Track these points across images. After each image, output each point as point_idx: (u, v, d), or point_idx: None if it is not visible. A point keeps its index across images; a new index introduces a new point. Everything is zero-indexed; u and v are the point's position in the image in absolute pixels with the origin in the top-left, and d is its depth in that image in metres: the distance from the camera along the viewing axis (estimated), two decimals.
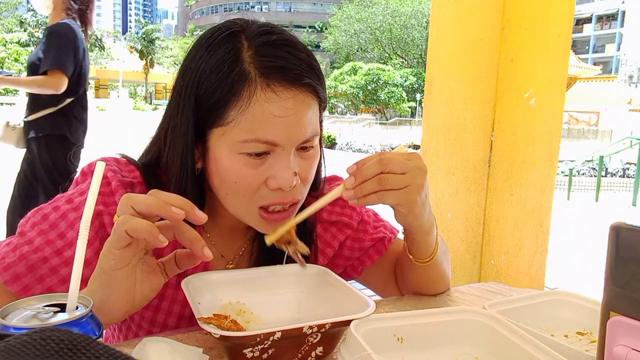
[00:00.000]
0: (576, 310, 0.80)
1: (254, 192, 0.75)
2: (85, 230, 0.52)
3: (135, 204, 0.60)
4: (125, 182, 0.80)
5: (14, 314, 0.47)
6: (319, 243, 0.94)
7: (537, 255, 2.01)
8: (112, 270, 0.61)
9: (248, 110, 0.71)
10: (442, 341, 0.68)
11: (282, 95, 0.72)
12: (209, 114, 0.74)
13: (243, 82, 0.71)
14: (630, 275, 0.47)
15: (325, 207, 0.94)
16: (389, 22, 38.42)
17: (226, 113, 0.72)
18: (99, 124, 19.83)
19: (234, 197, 0.77)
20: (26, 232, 0.75)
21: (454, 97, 1.99)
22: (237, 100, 0.71)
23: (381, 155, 0.71)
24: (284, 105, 0.72)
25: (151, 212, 0.60)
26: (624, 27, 54.85)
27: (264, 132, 0.71)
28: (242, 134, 0.72)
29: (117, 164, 0.82)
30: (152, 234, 0.59)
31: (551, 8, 1.87)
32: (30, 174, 2.87)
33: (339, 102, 35.60)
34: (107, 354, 0.35)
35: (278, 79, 0.71)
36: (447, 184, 2.03)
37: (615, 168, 11.38)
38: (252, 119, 0.71)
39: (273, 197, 0.76)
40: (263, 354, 0.62)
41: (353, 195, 0.71)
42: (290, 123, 0.72)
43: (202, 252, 0.62)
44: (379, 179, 0.70)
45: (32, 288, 0.73)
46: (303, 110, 0.74)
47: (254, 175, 0.74)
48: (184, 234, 0.62)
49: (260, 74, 0.71)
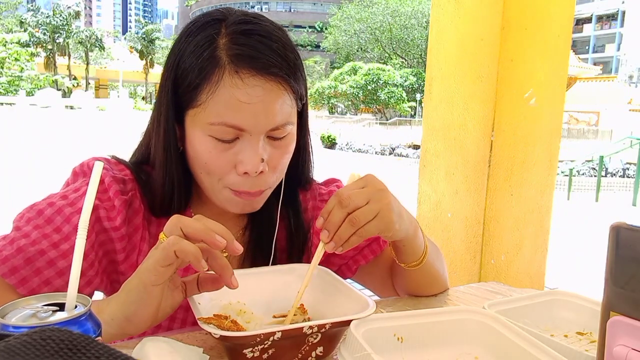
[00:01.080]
0: (576, 310, 0.80)
1: (223, 175, 0.79)
2: (84, 230, 0.52)
3: (184, 227, 0.63)
4: (117, 178, 0.82)
5: (13, 313, 0.47)
6: (315, 239, 0.95)
7: (537, 255, 2.01)
8: (152, 285, 0.63)
9: (216, 93, 0.74)
10: (442, 341, 0.68)
11: (249, 82, 0.74)
12: (185, 96, 0.78)
13: (214, 66, 0.74)
14: (630, 275, 0.47)
15: (322, 205, 0.97)
16: (389, 22, 38.41)
17: (198, 95, 0.75)
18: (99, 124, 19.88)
19: (206, 177, 0.80)
20: (22, 227, 0.76)
21: (454, 97, 1.99)
22: (207, 83, 0.74)
23: (339, 197, 0.71)
24: (249, 92, 0.74)
25: (198, 238, 0.63)
26: (624, 27, 54.85)
27: (231, 116, 0.74)
28: (210, 116, 0.75)
29: (108, 163, 0.85)
30: (197, 258, 0.61)
31: (551, 8, 1.87)
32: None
33: (339, 102, 35.59)
34: (107, 354, 0.35)
35: (246, 67, 0.74)
36: (447, 184, 2.03)
37: (615, 168, 11.38)
38: (219, 103, 0.74)
39: (242, 185, 0.79)
40: (263, 354, 0.62)
41: (334, 246, 0.72)
42: (257, 109, 0.75)
43: (230, 281, 0.65)
44: (349, 221, 0.71)
45: (29, 280, 0.73)
46: (271, 99, 0.75)
47: (223, 158, 0.77)
48: (216, 260, 0.65)
49: (230, 61, 0.74)
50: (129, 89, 48.08)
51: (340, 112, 38.14)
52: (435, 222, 2.07)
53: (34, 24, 39.36)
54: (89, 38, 40.99)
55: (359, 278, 1.01)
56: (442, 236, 2.05)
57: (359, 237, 0.72)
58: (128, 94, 38.69)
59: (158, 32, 48.38)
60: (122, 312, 0.64)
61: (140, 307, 0.64)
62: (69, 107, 27.86)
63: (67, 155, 11.35)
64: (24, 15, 42.20)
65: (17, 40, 32.74)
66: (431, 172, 2.09)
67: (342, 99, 34.32)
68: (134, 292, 0.64)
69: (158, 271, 0.62)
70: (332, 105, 35.95)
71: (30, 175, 9.09)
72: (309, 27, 68.89)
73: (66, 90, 37.13)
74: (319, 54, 56.45)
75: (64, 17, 40.46)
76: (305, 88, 0.84)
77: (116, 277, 0.83)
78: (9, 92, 30.01)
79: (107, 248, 0.81)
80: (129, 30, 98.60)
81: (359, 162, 14.71)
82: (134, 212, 0.83)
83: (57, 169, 9.73)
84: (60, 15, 40.33)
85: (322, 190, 1.00)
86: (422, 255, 0.86)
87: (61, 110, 25.77)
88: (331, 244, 0.71)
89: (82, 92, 34.99)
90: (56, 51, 40.17)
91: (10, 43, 31.31)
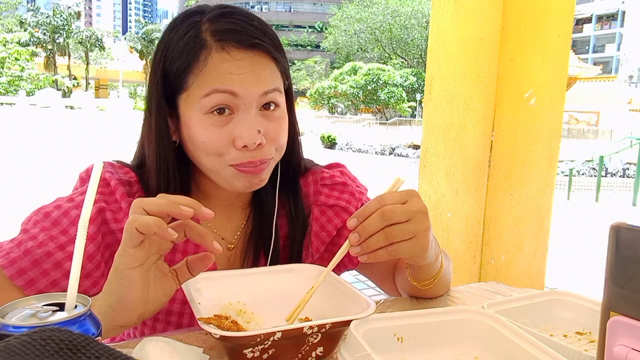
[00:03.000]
0: (575, 310, 0.80)
1: (223, 152, 0.79)
2: (84, 230, 0.53)
3: (146, 206, 0.63)
4: (123, 181, 0.83)
5: (13, 313, 0.47)
6: (315, 226, 0.94)
7: (537, 255, 2.01)
8: (126, 269, 0.63)
9: (205, 70, 0.77)
10: (442, 341, 0.68)
11: (236, 56, 0.77)
12: (174, 82, 0.80)
13: (200, 48, 0.78)
14: (630, 275, 0.47)
15: (323, 190, 0.97)
16: (389, 22, 38.40)
17: (187, 77, 0.78)
18: (99, 124, 19.89)
19: (207, 159, 0.81)
20: (29, 230, 0.77)
21: (454, 97, 1.99)
22: (196, 63, 0.77)
23: (380, 203, 0.68)
24: (237, 65, 0.77)
25: (162, 211, 0.62)
26: (624, 27, 54.85)
27: (222, 84, 0.77)
28: (202, 90, 0.77)
29: (113, 167, 0.86)
30: (161, 227, 0.61)
31: (551, 8, 1.87)
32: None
33: (339, 102, 35.60)
34: (107, 354, 0.35)
35: (231, 41, 0.77)
36: (447, 184, 2.03)
37: (615, 168, 11.37)
38: (209, 76, 0.77)
39: (242, 157, 0.80)
40: (263, 354, 0.62)
41: (360, 251, 0.69)
42: (245, 78, 0.77)
43: (212, 246, 0.64)
44: (384, 234, 0.68)
45: (37, 282, 0.74)
46: (259, 68, 0.79)
47: (220, 135, 0.78)
48: (193, 229, 0.65)
49: (215, 40, 0.78)
50: (129, 89, 48.03)
51: (340, 112, 38.14)
52: (435, 222, 2.07)
53: (34, 24, 39.37)
54: (89, 38, 41.02)
55: (361, 269, 1.01)
56: (442, 236, 2.05)
57: (388, 254, 0.69)
58: (128, 94, 38.70)
59: (158, 32, 48.30)
60: (106, 301, 0.64)
61: (122, 293, 0.64)
62: (69, 107, 27.88)
63: (67, 156, 11.36)
64: (24, 15, 42.23)
65: (17, 40, 32.72)
66: (431, 172, 2.09)
67: (342, 99, 34.33)
68: (112, 280, 0.64)
69: (128, 253, 0.62)
70: (332, 105, 35.95)
71: (30, 175, 9.08)
72: (309, 27, 68.89)
73: (66, 90, 37.16)
74: (319, 54, 56.45)
75: (64, 17, 40.48)
76: (288, 68, 0.87)
77: None
78: (9, 92, 30.01)
79: (113, 249, 0.81)
80: (129, 30, 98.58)
81: (359, 162, 14.71)
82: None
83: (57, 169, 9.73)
84: (60, 15, 40.36)
85: (324, 174, 0.99)
86: (436, 275, 0.85)
87: (61, 110, 25.79)
88: (357, 248, 0.69)
89: (82, 92, 35.02)
90: (56, 51, 40.20)
91: (10, 43, 31.29)
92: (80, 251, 0.52)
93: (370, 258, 0.69)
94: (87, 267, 0.77)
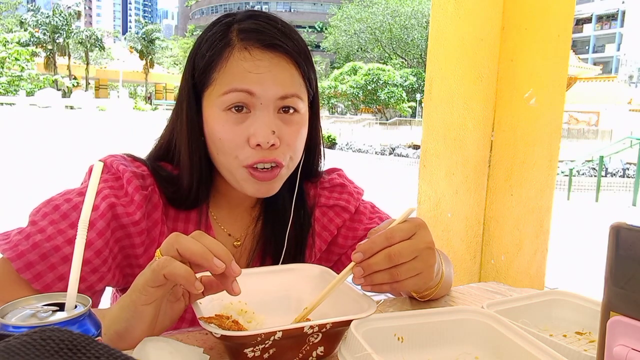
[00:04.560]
0: (575, 310, 0.80)
1: (237, 150, 0.81)
2: (84, 231, 0.52)
3: (180, 247, 0.61)
4: (137, 174, 0.84)
5: (13, 313, 0.47)
6: (317, 227, 0.97)
7: (537, 255, 2.01)
8: (142, 305, 0.62)
9: (227, 67, 0.80)
10: (442, 341, 0.68)
11: (257, 56, 0.79)
12: (200, 78, 0.83)
13: (225, 46, 0.81)
14: (630, 275, 0.47)
15: (323, 193, 0.99)
16: (389, 22, 38.38)
17: (211, 74, 0.81)
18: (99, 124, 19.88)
19: (223, 156, 0.82)
20: (37, 222, 0.76)
21: (454, 97, 1.99)
22: (219, 61, 0.80)
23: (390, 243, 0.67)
24: (257, 64, 0.79)
25: (194, 260, 0.61)
26: (624, 27, 54.84)
27: (240, 83, 0.79)
28: (222, 87, 0.80)
29: (125, 160, 0.87)
30: (189, 281, 0.60)
31: (551, 8, 1.87)
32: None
33: (339, 102, 35.58)
34: (107, 354, 0.35)
35: (254, 41, 0.80)
36: (447, 184, 2.03)
37: (615, 168, 11.37)
38: (229, 74, 0.80)
39: (255, 156, 0.81)
40: (264, 353, 0.62)
41: (364, 282, 0.69)
42: (264, 78, 0.79)
43: (231, 288, 0.63)
44: (390, 273, 0.68)
45: (44, 276, 0.74)
46: (278, 71, 0.80)
47: (236, 132, 0.80)
48: (217, 289, 0.65)
49: (239, 39, 0.81)
50: (129, 89, 48.06)
51: (340, 112, 38.13)
52: (435, 222, 2.07)
53: (34, 24, 39.35)
54: (89, 38, 40.98)
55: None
56: (442, 236, 2.05)
57: (391, 289, 0.70)
58: (128, 94, 38.70)
59: (158, 32, 48.36)
60: (114, 327, 0.63)
61: (131, 324, 0.63)
62: (69, 107, 27.87)
63: (67, 156, 11.35)
64: (24, 15, 42.20)
65: (17, 40, 32.70)
66: (431, 172, 2.09)
67: (342, 99, 34.31)
68: (126, 310, 0.63)
69: (148, 292, 0.61)
70: (332, 105, 35.93)
71: (30, 175, 9.08)
72: (309, 27, 68.84)
73: (66, 90, 37.14)
74: (319, 54, 56.43)
75: (64, 17, 40.45)
76: (316, 79, 0.88)
77: (131, 271, 0.84)
78: (9, 92, 29.98)
79: (123, 244, 0.81)
80: (129, 30, 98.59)
81: (359, 162, 14.70)
82: (153, 206, 0.84)
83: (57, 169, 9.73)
84: (60, 15, 40.33)
85: (323, 178, 1.01)
86: (435, 286, 0.85)
87: (61, 110, 25.79)
88: (361, 280, 0.68)
89: (82, 92, 35.00)
90: (56, 51, 40.17)
91: (10, 43, 31.28)
92: (80, 251, 0.52)
93: (374, 290, 0.70)
94: (94, 262, 0.77)
